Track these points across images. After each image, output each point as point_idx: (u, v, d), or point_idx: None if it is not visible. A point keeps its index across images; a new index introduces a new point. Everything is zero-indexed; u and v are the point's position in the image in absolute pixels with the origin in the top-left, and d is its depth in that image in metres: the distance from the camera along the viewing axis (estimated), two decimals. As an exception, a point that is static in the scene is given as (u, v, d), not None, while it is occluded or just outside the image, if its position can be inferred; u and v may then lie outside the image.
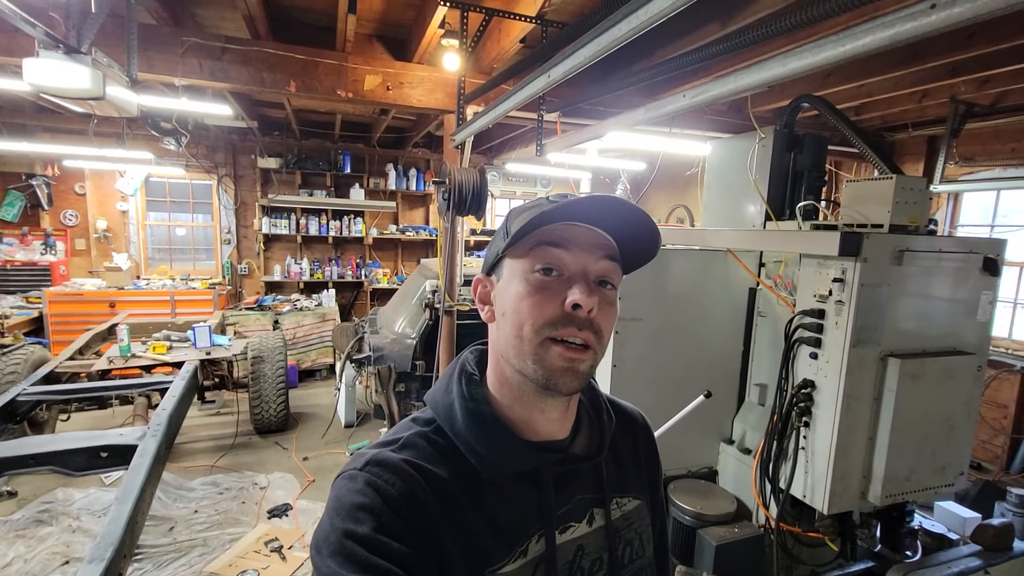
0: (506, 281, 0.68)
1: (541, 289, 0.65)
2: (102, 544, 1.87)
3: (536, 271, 0.65)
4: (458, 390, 0.71)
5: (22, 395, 3.38)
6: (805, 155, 2.34)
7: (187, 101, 3.71)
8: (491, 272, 0.72)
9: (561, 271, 0.65)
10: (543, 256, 0.65)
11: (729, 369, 2.54)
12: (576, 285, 0.64)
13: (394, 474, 0.62)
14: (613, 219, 0.66)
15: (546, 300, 0.64)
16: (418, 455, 0.66)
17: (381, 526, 0.58)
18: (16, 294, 6.08)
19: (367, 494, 0.60)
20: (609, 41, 1.11)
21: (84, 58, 2.07)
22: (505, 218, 0.72)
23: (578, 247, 0.65)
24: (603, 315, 0.65)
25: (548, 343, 0.64)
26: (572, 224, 0.66)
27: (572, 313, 0.63)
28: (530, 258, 0.65)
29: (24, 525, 3.30)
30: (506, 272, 0.68)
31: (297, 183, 7.33)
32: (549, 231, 0.65)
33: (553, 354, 0.64)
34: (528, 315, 0.64)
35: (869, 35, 0.82)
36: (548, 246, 0.65)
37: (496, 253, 0.70)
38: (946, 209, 4.96)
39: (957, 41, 2.76)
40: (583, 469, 0.73)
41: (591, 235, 0.67)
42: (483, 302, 0.73)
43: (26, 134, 5.87)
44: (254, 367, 4.63)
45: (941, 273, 1.95)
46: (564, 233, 0.66)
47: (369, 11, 3.37)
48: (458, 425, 0.68)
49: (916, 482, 1.94)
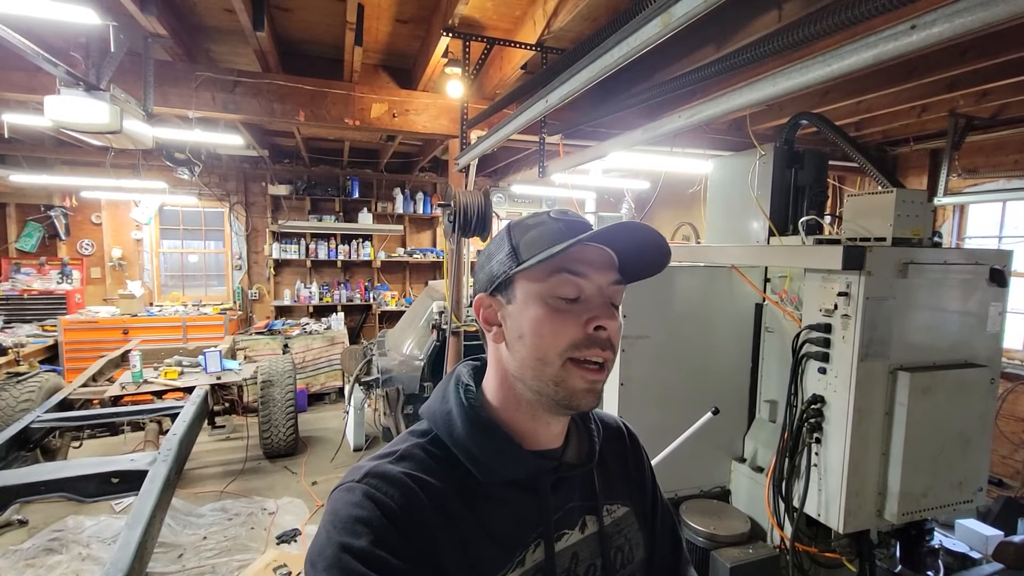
0: (521, 304, 0.67)
1: (562, 312, 0.65)
2: (111, 570, 1.87)
3: (558, 296, 0.66)
4: (456, 399, 0.71)
5: (35, 422, 3.41)
6: (806, 171, 2.36)
7: (200, 132, 3.83)
8: (496, 292, 0.70)
9: (580, 293, 0.66)
10: (564, 282, 0.66)
11: (738, 386, 2.52)
12: (596, 308, 0.66)
13: (393, 486, 0.62)
14: (625, 240, 0.68)
15: (568, 323, 0.65)
16: (416, 466, 0.65)
17: (379, 540, 0.57)
18: (32, 323, 6.19)
19: (365, 507, 0.59)
20: (603, 67, 1.15)
21: (103, 94, 2.16)
22: (506, 234, 0.71)
23: (594, 269, 0.67)
24: (616, 333, 0.67)
25: (570, 365, 0.65)
26: (584, 244, 0.66)
27: (595, 334, 0.65)
28: (550, 283, 0.66)
29: (34, 554, 3.30)
30: (520, 294, 0.68)
31: (307, 209, 7.46)
32: (566, 255, 0.65)
33: (575, 377, 0.65)
34: (552, 338, 0.65)
35: (854, 55, 0.85)
36: (568, 273, 0.66)
37: (505, 272, 0.68)
38: (952, 221, 4.94)
39: (951, 57, 2.80)
40: (574, 477, 0.74)
41: (603, 255, 0.68)
42: (489, 323, 0.71)
43: (46, 167, 6.05)
44: (264, 391, 4.66)
45: (948, 285, 1.94)
46: (582, 257, 0.67)
47: (375, 43, 3.48)
48: (457, 432, 0.68)
49: (933, 499, 1.90)
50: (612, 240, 0.67)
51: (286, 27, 3.33)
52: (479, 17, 2.84)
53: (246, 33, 2.86)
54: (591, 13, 2.66)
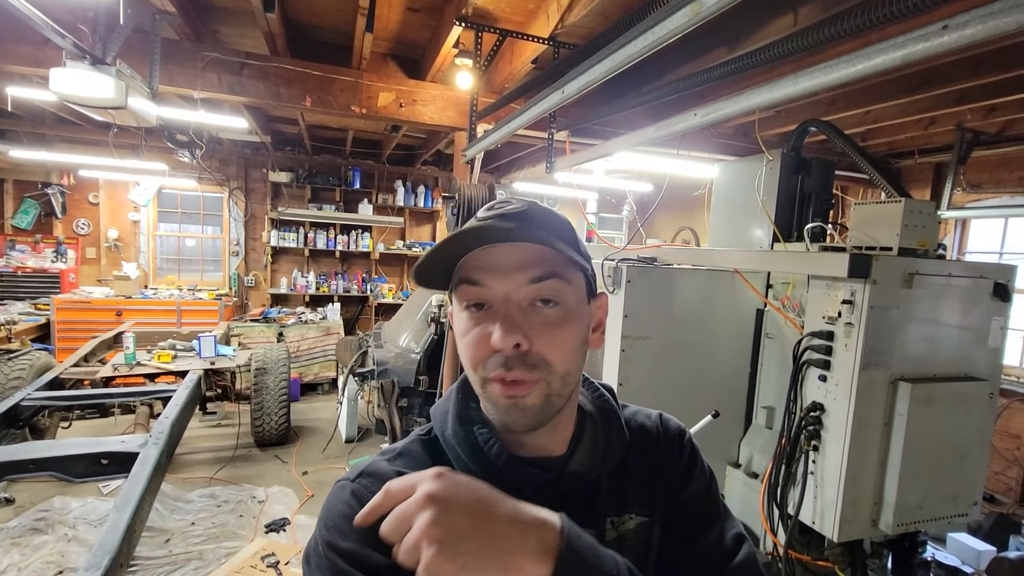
0: (455, 314, 0.65)
1: (473, 327, 0.61)
2: (99, 552, 1.85)
3: (464, 308, 0.62)
4: (455, 398, 0.69)
5: (25, 400, 3.38)
6: (812, 178, 2.36)
7: (204, 114, 3.79)
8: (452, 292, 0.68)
9: (491, 303, 0.61)
10: (464, 294, 0.62)
11: (735, 390, 2.52)
12: (498, 321, 0.59)
13: (382, 484, 0.59)
14: (535, 226, 0.61)
15: (476, 340, 0.60)
16: (411, 464, 0.65)
17: (365, 539, 0.56)
18: (25, 300, 6.13)
19: (353, 505, 0.58)
20: (624, 57, 1.13)
21: (109, 69, 2.13)
22: None
23: (496, 275, 0.60)
24: (544, 341, 0.59)
25: (490, 382, 0.61)
26: (494, 245, 0.60)
27: (500, 352, 0.59)
28: (457, 295, 0.63)
29: (20, 533, 3.27)
30: (454, 303, 0.65)
31: (307, 197, 7.42)
32: (468, 261, 0.61)
33: (495, 394, 0.61)
34: (467, 356, 0.62)
35: (881, 55, 0.84)
36: (465, 283, 0.61)
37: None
38: (953, 235, 4.95)
39: (964, 69, 2.80)
40: (577, 487, 0.67)
41: (510, 254, 0.60)
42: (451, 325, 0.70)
43: (45, 144, 5.98)
44: (257, 379, 4.62)
45: (951, 297, 1.94)
46: (481, 261, 0.60)
47: (385, 30, 3.45)
48: (448, 431, 0.67)
49: (928, 511, 1.90)
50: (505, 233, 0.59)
51: (296, 10, 3.30)
52: (492, 8, 2.82)
53: (256, 14, 2.83)
54: (605, 9, 2.64)
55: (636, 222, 6.91)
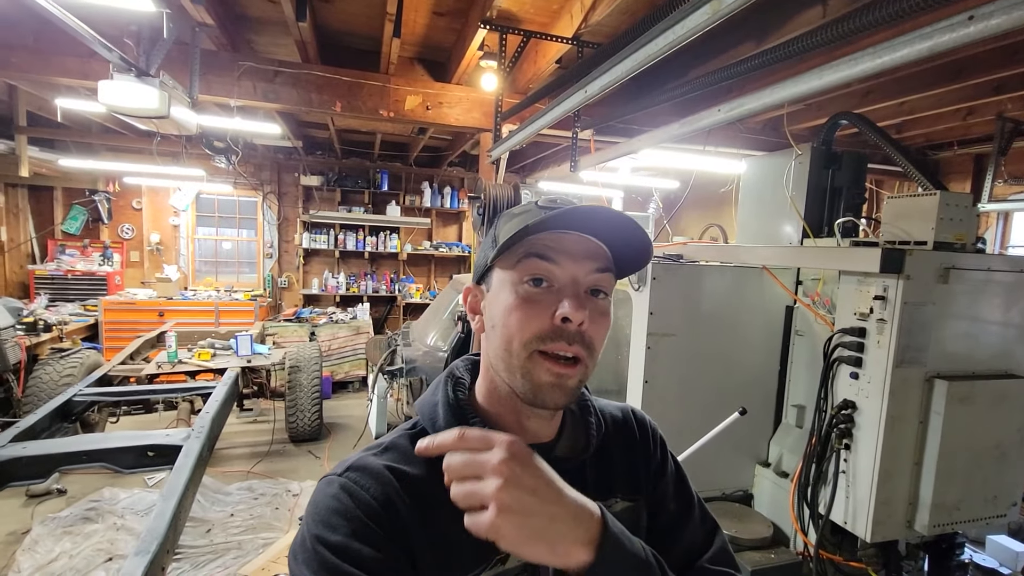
0: (495, 292, 0.67)
1: (530, 301, 0.63)
2: (148, 538, 1.95)
3: (525, 282, 0.63)
4: (443, 391, 0.71)
5: (78, 396, 3.57)
6: (844, 172, 2.31)
7: (240, 121, 3.93)
8: (481, 281, 0.70)
9: (551, 282, 0.63)
10: (531, 267, 0.63)
11: (764, 389, 2.49)
12: (566, 298, 0.62)
13: (371, 478, 0.61)
14: (603, 227, 0.64)
15: (535, 313, 0.62)
16: (398, 458, 0.65)
17: (353, 532, 0.57)
18: (75, 302, 6.45)
19: (341, 499, 0.59)
20: (646, 56, 1.14)
21: (152, 80, 2.25)
22: (494, 224, 0.71)
23: (568, 257, 0.63)
24: (595, 327, 0.63)
25: (537, 357, 0.62)
26: (563, 233, 0.64)
27: (562, 326, 0.61)
28: (518, 269, 0.64)
29: (72, 522, 3.45)
30: (495, 282, 0.67)
31: (337, 200, 7.60)
32: (538, 240, 0.63)
33: (541, 369, 0.62)
34: (517, 328, 0.63)
35: (907, 47, 0.83)
36: (536, 258, 0.63)
37: (485, 262, 0.68)
38: (995, 229, 4.76)
39: (1001, 58, 2.69)
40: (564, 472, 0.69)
41: (582, 244, 0.64)
42: (474, 311, 0.72)
43: (92, 153, 6.29)
44: (291, 376, 4.77)
45: (991, 293, 1.88)
46: (554, 243, 0.64)
47: (411, 35, 3.52)
48: (439, 423, 0.68)
49: (966, 512, 1.85)
50: (590, 225, 0.64)
51: (326, 18, 3.40)
52: (516, 10, 2.85)
53: (288, 23, 2.94)
54: (629, 7, 2.64)
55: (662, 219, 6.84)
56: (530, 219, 0.63)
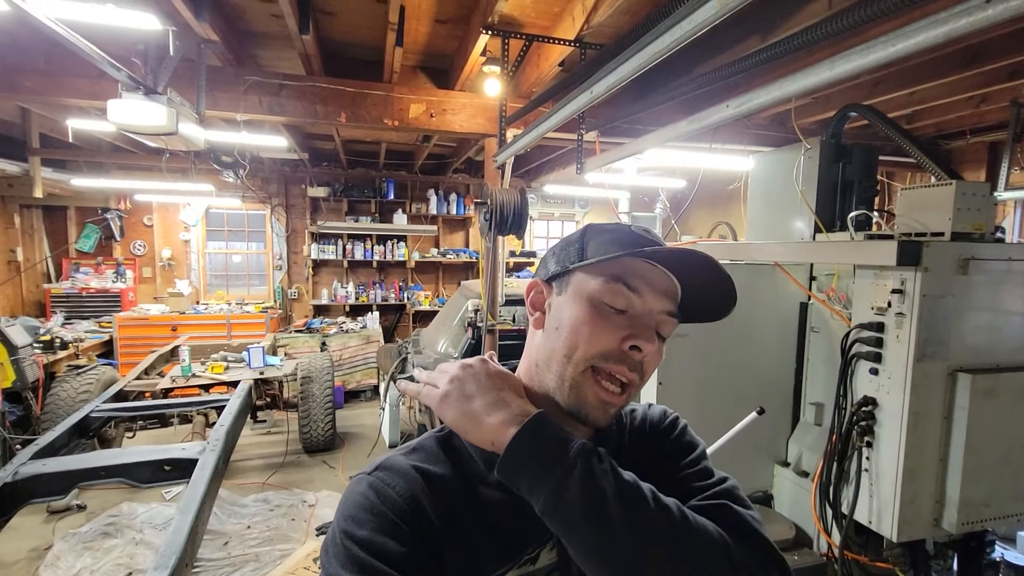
0: (570, 297, 0.68)
1: (604, 319, 0.65)
2: (166, 552, 1.96)
3: (604, 301, 0.65)
4: None
5: (94, 412, 3.60)
6: (855, 165, 2.28)
7: (247, 135, 3.97)
8: (551, 280, 0.72)
9: (628, 308, 0.66)
10: (616, 292, 0.65)
11: (781, 387, 2.45)
12: (640, 328, 0.65)
13: (398, 477, 0.64)
14: (690, 271, 0.66)
15: (606, 331, 0.65)
16: (426, 458, 0.68)
17: (380, 527, 0.59)
18: (90, 319, 6.54)
19: (368, 496, 0.62)
20: (651, 55, 1.13)
21: (160, 98, 2.28)
22: (582, 231, 0.73)
23: (651, 290, 0.66)
24: (651, 362, 0.66)
25: (590, 373, 0.65)
26: (651, 264, 0.66)
27: (628, 352, 0.64)
28: (603, 285, 0.66)
29: (91, 537, 3.48)
30: (572, 288, 0.68)
31: (344, 210, 7.64)
32: (629, 264, 0.66)
33: (590, 389, 0.65)
34: (585, 341, 0.65)
35: (921, 33, 0.81)
36: (624, 286, 0.65)
37: (566, 265, 0.69)
38: (1014, 217, 4.67)
39: (1017, 42, 2.64)
40: None
41: (666, 282, 0.67)
42: (535, 307, 0.73)
43: (103, 172, 6.39)
44: (303, 387, 4.79)
45: (1012, 282, 1.83)
46: (642, 272, 0.66)
47: (414, 44, 3.54)
48: None
49: (996, 508, 1.80)
50: (678, 266, 0.66)
51: (329, 30, 3.42)
52: (518, 15, 2.86)
53: (292, 37, 2.96)
54: (631, 7, 2.63)
55: (670, 219, 6.79)
56: (624, 239, 0.68)
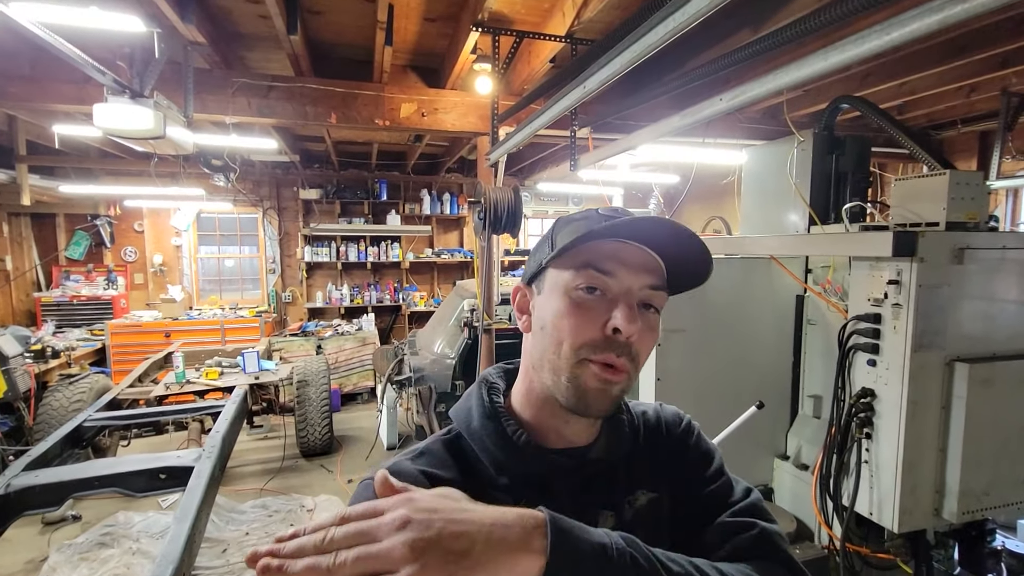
0: (547, 294, 0.67)
1: (583, 308, 0.64)
2: (163, 562, 1.93)
3: (579, 288, 0.64)
4: (477, 395, 0.72)
5: (88, 421, 3.55)
6: (847, 157, 2.28)
7: (236, 138, 3.93)
8: (531, 282, 0.71)
9: (605, 291, 0.64)
10: (588, 276, 0.64)
11: (779, 380, 2.45)
12: (619, 309, 0.62)
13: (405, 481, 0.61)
14: (664, 240, 0.64)
15: (587, 320, 0.63)
16: (431, 462, 0.67)
17: None
18: (81, 327, 6.46)
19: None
20: (643, 48, 1.12)
21: (147, 101, 2.24)
22: (551, 227, 0.72)
23: (624, 268, 0.64)
24: (642, 340, 0.64)
25: (585, 362, 0.63)
26: (622, 242, 0.64)
27: (612, 337, 0.62)
28: (574, 274, 0.64)
29: (88, 548, 3.44)
30: (548, 284, 0.68)
31: (337, 212, 7.60)
32: (597, 248, 0.64)
33: (588, 374, 0.63)
34: (568, 334, 0.63)
35: (916, 21, 0.80)
36: (593, 269, 0.64)
37: (539, 263, 0.69)
38: (1005, 206, 4.70)
39: (1007, 30, 2.65)
40: (597, 472, 0.71)
41: (640, 256, 0.65)
42: (521, 311, 0.73)
43: (91, 178, 6.32)
44: (299, 391, 4.75)
45: (1007, 271, 1.84)
46: (612, 252, 0.64)
47: (403, 43, 3.51)
48: (474, 424, 0.69)
49: (996, 497, 1.80)
50: (646, 238, 0.64)
51: (317, 30, 3.39)
52: (508, 11, 2.84)
53: (280, 37, 2.93)
54: (621, 2, 2.62)
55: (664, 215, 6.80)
56: (592, 226, 0.64)
